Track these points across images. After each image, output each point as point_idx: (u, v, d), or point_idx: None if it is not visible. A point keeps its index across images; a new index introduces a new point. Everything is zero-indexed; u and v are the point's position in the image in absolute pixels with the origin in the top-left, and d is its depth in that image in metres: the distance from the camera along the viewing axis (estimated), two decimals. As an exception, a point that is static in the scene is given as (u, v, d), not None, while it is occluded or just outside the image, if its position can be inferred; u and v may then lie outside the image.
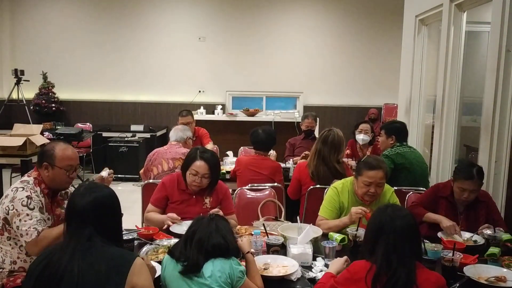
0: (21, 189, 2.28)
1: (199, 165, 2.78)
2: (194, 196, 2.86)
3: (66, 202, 2.48)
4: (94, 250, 1.70)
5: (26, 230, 2.21)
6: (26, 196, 2.26)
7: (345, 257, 2.14)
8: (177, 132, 4.12)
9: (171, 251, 1.94)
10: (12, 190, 2.29)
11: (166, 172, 3.74)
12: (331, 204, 2.85)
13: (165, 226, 2.71)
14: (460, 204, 2.86)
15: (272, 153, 4.35)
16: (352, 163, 4.34)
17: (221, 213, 2.63)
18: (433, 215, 2.83)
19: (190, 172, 2.80)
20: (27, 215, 2.23)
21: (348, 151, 4.76)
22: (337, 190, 2.88)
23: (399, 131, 3.92)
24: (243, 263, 2.03)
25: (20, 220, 2.22)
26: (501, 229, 2.63)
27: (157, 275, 2.02)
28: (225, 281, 1.82)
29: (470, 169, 2.78)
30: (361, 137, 4.71)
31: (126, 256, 1.75)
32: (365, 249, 1.90)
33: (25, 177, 2.39)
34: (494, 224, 2.69)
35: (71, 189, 2.52)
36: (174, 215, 2.74)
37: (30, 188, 2.30)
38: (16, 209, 2.23)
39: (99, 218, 1.76)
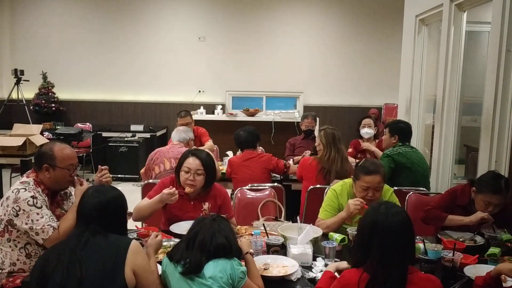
0: (23, 190, 2.27)
1: (191, 161, 2.73)
2: (192, 202, 2.80)
3: (65, 202, 2.50)
4: (98, 239, 1.82)
5: (41, 228, 2.22)
6: (31, 196, 2.25)
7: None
8: (180, 133, 4.13)
9: (170, 255, 1.93)
10: (13, 192, 2.27)
11: (168, 171, 3.73)
12: (330, 207, 2.84)
13: (164, 197, 2.62)
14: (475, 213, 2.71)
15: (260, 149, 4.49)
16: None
17: None
18: (457, 217, 2.69)
19: (182, 170, 2.74)
20: (37, 214, 2.23)
21: (350, 149, 4.78)
22: (336, 193, 2.87)
23: (403, 131, 3.92)
24: (243, 262, 2.03)
25: (32, 220, 2.22)
26: (504, 229, 2.61)
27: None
28: (226, 281, 1.81)
29: (498, 181, 2.59)
30: (365, 131, 4.76)
31: (123, 240, 1.88)
32: (358, 251, 1.80)
33: (24, 178, 2.37)
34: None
35: (71, 189, 2.52)
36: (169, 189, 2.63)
37: (33, 189, 2.29)
38: (24, 210, 2.22)
39: (104, 220, 1.87)
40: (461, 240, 2.58)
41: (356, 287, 1.68)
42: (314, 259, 2.32)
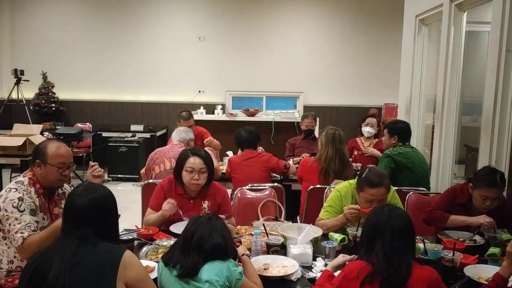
0: (14, 190, 2.25)
1: (192, 161, 2.74)
2: (191, 201, 2.81)
3: (63, 201, 2.46)
4: (89, 248, 1.70)
5: (13, 235, 2.17)
6: (18, 198, 2.21)
7: (342, 255, 2.13)
8: (180, 133, 4.13)
9: (166, 260, 1.89)
10: (5, 191, 2.26)
11: (168, 171, 3.73)
12: (332, 208, 2.81)
13: (165, 213, 2.68)
14: (476, 211, 2.72)
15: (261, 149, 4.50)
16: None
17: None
18: (459, 217, 2.70)
19: (185, 169, 2.74)
20: (16, 219, 2.18)
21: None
22: (340, 194, 2.82)
23: (402, 131, 3.93)
24: (240, 264, 2.02)
25: (9, 224, 2.18)
26: (504, 229, 2.61)
27: (153, 277, 2.00)
28: (222, 284, 1.79)
29: (493, 175, 2.63)
30: (367, 130, 4.83)
31: (115, 250, 1.75)
32: (362, 249, 1.90)
33: (20, 178, 2.36)
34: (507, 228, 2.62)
35: (69, 188, 2.51)
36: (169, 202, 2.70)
37: (24, 190, 2.26)
38: (6, 210, 2.19)
39: (95, 219, 1.76)
40: (461, 240, 2.58)
41: (356, 277, 1.76)
42: (314, 259, 2.32)
